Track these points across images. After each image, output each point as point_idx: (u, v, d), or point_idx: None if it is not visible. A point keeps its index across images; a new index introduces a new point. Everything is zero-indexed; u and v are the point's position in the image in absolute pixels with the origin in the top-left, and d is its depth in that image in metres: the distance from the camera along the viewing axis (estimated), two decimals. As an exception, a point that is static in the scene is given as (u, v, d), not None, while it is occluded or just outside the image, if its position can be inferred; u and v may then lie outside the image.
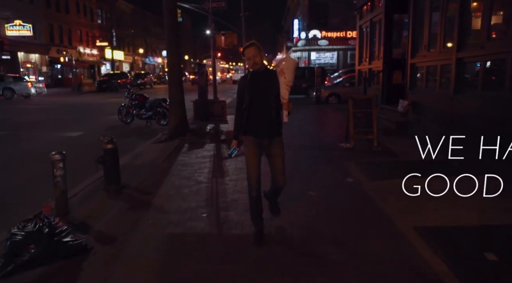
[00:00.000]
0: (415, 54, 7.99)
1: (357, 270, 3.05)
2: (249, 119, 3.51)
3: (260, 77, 3.49)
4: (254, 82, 3.49)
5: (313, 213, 4.23)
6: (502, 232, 3.59)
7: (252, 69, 3.52)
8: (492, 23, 5.23)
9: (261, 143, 3.54)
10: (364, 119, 7.65)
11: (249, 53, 3.44)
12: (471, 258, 3.12)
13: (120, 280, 3.03)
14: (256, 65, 3.47)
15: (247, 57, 3.47)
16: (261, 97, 3.45)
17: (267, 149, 3.57)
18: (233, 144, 3.71)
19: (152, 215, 4.34)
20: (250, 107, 3.48)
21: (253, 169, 3.52)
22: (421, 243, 3.42)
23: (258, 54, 3.44)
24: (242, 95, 3.54)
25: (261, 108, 3.46)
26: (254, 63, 3.46)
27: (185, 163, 6.64)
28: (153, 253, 3.42)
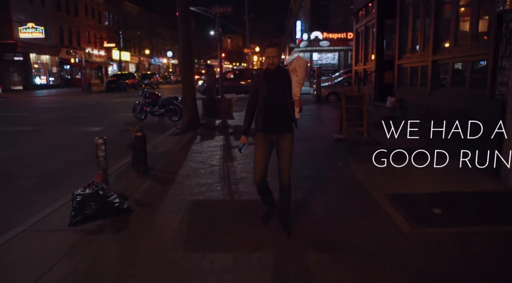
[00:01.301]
0: (401, 56, 8.98)
1: (337, 219, 4.08)
2: (264, 116, 3.60)
3: (274, 75, 3.60)
4: (268, 80, 3.59)
5: (306, 185, 5.24)
6: (448, 196, 4.61)
7: (270, 68, 3.61)
8: (458, 31, 6.22)
9: (271, 138, 3.64)
10: (355, 114, 8.65)
11: (271, 53, 3.53)
12: (421, 212, 4.14)
13: (158, 229, 4.05)
14: (273, 65, 3.58)
15: (267, 56, 3.56)
16: (275, 94, 3.55)
17: (277, 144, 3.66)
18: (242, 139, 3.79)
19: (176, 188, 5.37)
20: (264, 103, 3.58)
21: (259, 165, 3.65)
22: (387, 204, 4.43)
23: (277, 55, 3.55)
24: (255, 92, 3.64)
25: (275, 104, 3.56)
26: (272, 63, 3.57)
27: (198, 151, 7.68)
28: (180, 213, 4.44)
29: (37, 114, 16.10)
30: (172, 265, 3.24)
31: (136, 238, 3.81)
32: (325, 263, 3.20)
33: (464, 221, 3.93)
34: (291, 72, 3.47)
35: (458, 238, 3.60)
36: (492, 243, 3.49)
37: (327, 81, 20.14)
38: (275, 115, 3.58)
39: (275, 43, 3.55)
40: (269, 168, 3.81)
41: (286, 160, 3.66)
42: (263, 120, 3.61)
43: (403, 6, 8.75)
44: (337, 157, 6.94)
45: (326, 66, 32.74)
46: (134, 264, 3.30)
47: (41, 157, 7.85)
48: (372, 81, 11.50)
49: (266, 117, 3.59)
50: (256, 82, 3.68)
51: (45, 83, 36.46)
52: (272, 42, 3.57)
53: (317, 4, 31.44)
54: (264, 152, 3.65)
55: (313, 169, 6.12)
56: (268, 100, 3.56)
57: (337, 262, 3.20)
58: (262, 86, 3.59)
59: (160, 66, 68.37)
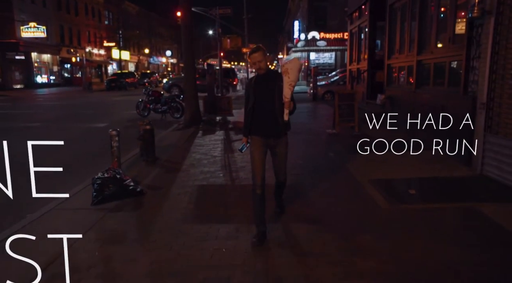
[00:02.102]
0: (391, 57, 9.59)
1: (325, 199, 4.69)
2: (255, 120, 3.66)
3: (264, 80, 3.62)
4: (258, 85, 3.64)
5: (300, 172, 5.85)
6: (423, 180, 5.25)
7: (259, 72, 3.65)
8: (438, 34, 6.83)
9: (267, 142, 3.70)
10: (347, 110, 9.27)
11: (255, 58, 3.56)
12: (399, 192, 4.77)
13: (169, 207, 4.65)
14: (260, 70, 3.61)
15: (253, 62, 3.59)
16: (265, 99, 3.58)
17: (273, 147, 3.74)
18: (243, 140, 3.88)
19: (182, 175, 5.97)
20: (255, 108, 3.63)
21: (258, 167, 3.65)
22: (370, 187, 5.05)
23: (264, 59, 3.56)
24: (248, 96, 3.70)
25: (266, 109, 3.60)
26: (259, 68, 3.60)
27: (201, 144, 8.28)
28: (187, 195, 5.04)
29: (43, 112, 16.65)
30: (184, 233, 3.84)
31: (150, 214, 4.41)
32: (314, 232, 3.79)
33: (433, 199, 4.55)
34: (283, 73, 3.49)
35: (425, 212, 4.22)
36: (452, 215, 4.11)
37: (323, 80, 20.77)
38: (265, 120, 3.62)
39: (258, 48, 3.58)
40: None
41: (283, 162, 3.82)
42: (256, 124, 3.67)
43: (392, 10, 9.37)
44: (329, 149, 7.56)
45: (323, 66, 33.38)
46: (151, 233, 3.90)
47: (56, 149, 8.42)
48: (364, 80, 12.11)
49: (259, 122, 3.65)
50: (247, 88, 3.76)
51: (46, 82, 36.97)
52: (255, 48, 3.60)
53: (314, 5, 32.05)
54: (261, 154, 3.68)
55: (307, 159, 6.72)
56: (259, 106, 3.61)
57: (323, 231, 3.80)
58: (253, 91, 3.63)
59: (159, 65, 68.86)
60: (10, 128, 11.17)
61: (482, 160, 5.28)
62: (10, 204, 3.34)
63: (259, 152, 3.67)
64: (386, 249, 3.42)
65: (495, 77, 4.99)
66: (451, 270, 3.04)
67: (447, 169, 5.72)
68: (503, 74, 4.90)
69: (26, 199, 3.28)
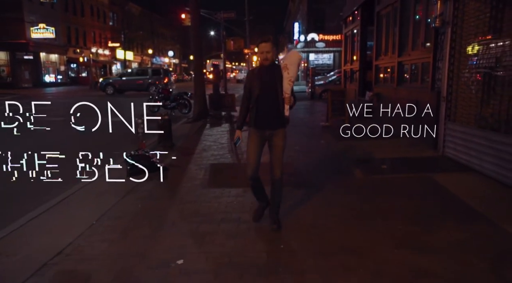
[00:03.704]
0: (378, 58, 10.75)
1: (314, 172, 5.86)
2: (257, 111, 3.65)
3: (268, 71, 3.62)
4: (261, 76, 3.63)
5: (294, 155, 7.01)
6: (395, 159, 6.42)
7: (264, 63, 3.61)
8: (414, 39, 8.00)
9: (264, 134, 3.70)
10: (339, 105, 10.44)
11: (264, 48, 3.53)
12: (374, 167, 5.93)
13: (189, 177, 5.81)
14: (267, 61, 3.58)
15: (261, 51, 3.55)
16: (268, 91, 3.58)
17: (270, 139, 3.71)
18: (237, 134, 3.84)
19: (196, 157, 7.14)
20: (257, 99, 3.62)
21: (251, 159, 3.70)
22: (351, 165, 6.22)
23: (271, 50, 3.54)
24: (250, 88, 3.67)
25: (267, 100, 3.60)
26: (266, 59, 3.56)
27: (209, 134, 9.46)
28: (203, 170, 6.20)
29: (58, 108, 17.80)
30: (203, 194, 5.01)
31: (175, 182, 5.58)
32: (302, 194, 4.94)
33: (399, 171, 5.74)
34: (283, 69, 3.54)
35: (391, 180, 5.40)
36: (411, 181, 5.27)
37: (321, 80, 21.94)
38: (268, 111, 3.62)
39: (268, 39, 3.57)
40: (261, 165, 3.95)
41: (279, 154, 3.74)
42: (256, 116, 3.66)
43: (378, 17, 10.53)
44: (321, 138, 8.74)
45: (322, 66, 34.50)
46: (178, 194, 5.07)
47: (87, 137, 9.60)
48: (356, 79, 13.27)
49: (259, 113, 3.64)
50: (250, 79, 3.74)
51: (54, 81, 38.15)
52: (266, 38, 3.59)
53: (313, 7, 33.24)
54: (257, 147, 3.71)
55: (302, 145, 7.89)
56: (261, 97, 3.60)
57: (309, 193, 4.95)
58: (255, 82, 3.63)
59: (161, 65, 70.06)
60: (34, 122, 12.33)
61: (444, 143, 6.44)
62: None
63: (254, 144, 3.70)
64: (355, 200, 4.59)
65: (452, 75, 6.15)
66: (396, 210, 4.20)
67: (417, 151, 6.89)
68: (458, 73, 6.06)
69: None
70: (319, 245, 3.47)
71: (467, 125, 5.83)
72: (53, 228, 4.04)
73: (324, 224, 3.94)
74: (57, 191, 5.05)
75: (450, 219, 3.95)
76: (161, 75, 26.34)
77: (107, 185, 5.58)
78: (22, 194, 5.04)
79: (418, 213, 4.19)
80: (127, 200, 4.85)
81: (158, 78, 25.76)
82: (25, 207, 4.58)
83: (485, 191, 4.79)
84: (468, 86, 5.82)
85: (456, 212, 4.15)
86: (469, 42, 5.78)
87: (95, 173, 4.76)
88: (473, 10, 5.65)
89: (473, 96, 5.73)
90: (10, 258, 3.39)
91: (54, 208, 4.64)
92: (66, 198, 5.00)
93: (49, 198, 4.89)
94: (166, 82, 25.98)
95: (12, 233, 3.90)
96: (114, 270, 3.14)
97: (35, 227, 4.08)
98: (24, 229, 4.01)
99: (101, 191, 5.27)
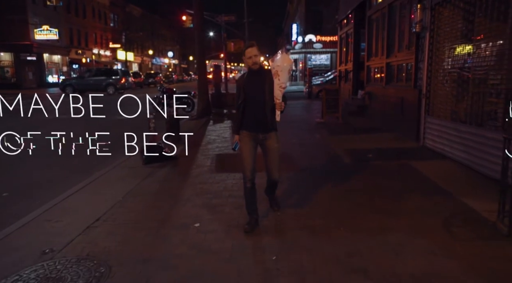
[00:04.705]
0: (369, 59, 11.55)
1: (309, 160, 6.65)
2: (245, 115, 3.71)
3: (257, 76, 3.68)
4: (251, 80, 3.70)
5: (292, 146, 7.80)
6: (381, 149, 7.21)
7: (251, 68, 3.68)
8: (400, 42, 8.80)
9: (256, 137, 3.75)
10: (333, 103, 11.25)
11: (251, 53, 3.60)
12: (361, 156, 6.73)
13: (197, 165, 6.59)
14: (255, 65, 3.65)
15: (248, 56, 3.62)
16: (257, 94, 3.65)
17: (262, 142, 3.78)
18: (236, 138, 3.89)
19: (203, 148, 7.94)
20: (246, 103, 3.68)
21: (247, 161, 3.76)
22: (342, 154, 7.01)
23: (258, 54, 3.63)
24: (240, 92, 3.73)
25: (256, 104, 3.66)
26: (254, 63, 3.63)
27: (213, 129, 10.25)
28: (209, 159, 6.99)
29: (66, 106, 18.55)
30: (210, 177, 5.79)
31: (186, 169, 6.36)
32: (297, 177, 5.73)
33: (382, 159, 6.53)
34: (274, 75, 3.57)
35: (375, 165, 6.19)
36: (391, 166, 6.06)
37: (319, 80, 22.76)
38: (258, 115, 3.67)
39: (253, 44, 3.66)
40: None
41: (274, 157, 3.82)
42: (247, 120, 3.73)
43: (370, 20, 11.34)
44: (316, 132, 9.53)
45: (320, 67, 35.32)
46: (189, 177, 5.86)
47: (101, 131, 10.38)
48: (350, 79, 14.08)
49: (250, 117, 3.71)
50: (240, 83, 3.78)
51: (57, 81, 38.79)
52: (250, 43, 3.70)
53: (311, 9, 34.10)
54: (250, 148, 3.78)
55: (299, 138, 8.68)
56: (251, 101, 3.67)
57: (304, 177, 5.74)
58: (245, 87, 3.69)
59: (161, 65, 70.83)
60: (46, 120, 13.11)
61: (424, 135, 7.24)
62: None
63: (248, 146, 3.76)
64: (342, 180, 5.38)
65: (430, 75, 6.95)
66: (376, 187, 4.99)
67: (401, 142, 7.70)
68: (435, 73, 6.86)
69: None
70: (308, 211, 4.26)
71: (442, 119, 6.62)
72: (88, 202, 4.82)
73: (314, 197, 4.73)
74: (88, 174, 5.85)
75: (418, 193, 4.75)
76: (118, 76, 27.79)
77: (127, 170, 6.39)
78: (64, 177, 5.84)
79: (393, 189, 4.98)
80: (146, 182, 5.64)
81: (116, 79, 27.29)
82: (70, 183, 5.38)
83: (452, 173, 5.58)
84: (443, 84, 6.62)
85: (425, 189, 4.94)
86: (444, 46, 6.58)
87: (135, 148, 5.83)
88: (447, 18, 6.45)
89: (447, 93, 6.53)
90: (58, 223, 4.17)
91: (85, 188, 5.43)
92: (94, 180, 5.79)
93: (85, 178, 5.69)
94: (124, 82, 27.39)
95: (55, 205, 4.69)
96: (144, 229, 3.92)
97: (74, 200, 4.87)
98: (64, 203, 4.80)
99: (122, 175, 6.07)
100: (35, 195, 5.30)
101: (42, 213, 4.43)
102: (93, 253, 3.44)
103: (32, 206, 4.71)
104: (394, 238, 3.55)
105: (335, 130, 9.59)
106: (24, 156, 5.80)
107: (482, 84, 5.39)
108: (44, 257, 3.40)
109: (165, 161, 6.83)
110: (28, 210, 4.56)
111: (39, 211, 4.50)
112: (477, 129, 5.41)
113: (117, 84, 26.75)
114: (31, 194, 5.41)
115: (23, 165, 6.76)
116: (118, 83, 26.92)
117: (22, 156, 5.80)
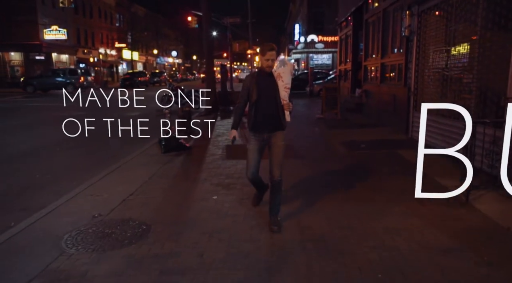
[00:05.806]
0: (366, 59, 12.38)
1: (308, 150, 7.50)
2: (256, 115, 3.77)
3: (267, 77, 3.77)
4: (262, 81, 3.77)
5: (293, 139, 8.64)
6: (373, 141, 8.05)
7: (265, 69, 3.76)
8: (392, 44, 9.63)
9: (262, 137, 3.86)
10: (332, 100, 12.09)
11: (271, 56, 3.70)
12: (355, 146, 7.58)
13: (210, 154, 7.44)
14: (270, 68, 3.73)
15: (267, 58, 3.69)
16: (267, 95, 3.73)
17: (269, 141, 3.85)
18: (233, 133, 3.99)
19: (213, 140, 8.80)
20: (258, 103, 3.73)
21: (250, 162, 3.92)
22: (338, 145, 7.86)
23: (276, 58, 3.73)
24: (248, 92, 3.78)
25: (266, 104, 3.74)
26: (270, 66, 3.72)
27: (221, 124, 11.12)
28: (220, 149, 7.84)
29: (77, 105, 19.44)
30: (222, 163, 6.65)
31: (200, 157, 7.22)
32: (297, 164, 6.57)
33: (374, 148, 7.37)
34: (277, 78, 3.70)
35: (367, 154, 7.03)
36: (381, 154, 6.90)
37: (320, 79, 23.59)
38: (266, 116, 3.75)
39: (273, 48, 3.76)
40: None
41: (278, 154, 3.80)
42: (255, 120, 3.79)
43: (366, 23, 12.17)
44: (316, 126, 10.39)
45: (321, 66, 36.15)
46: (204, 163, 6.71)
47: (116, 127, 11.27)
48: (349, 78, 14.91)
49: (258, 118, 3.77)
50: (248, 83, 3.82)
51: (65, 80, 39.83)
52: (272, 47, 3.76)
53: (313, 11, 34.91)
54: (256, 151, 3.87)
55: (299, 132, 9.53)
56: (259, 102, 3.72)
57: (304, 163, 6.59)
58: (254, 87, 3.74)
59: (165, 65, 71.75)
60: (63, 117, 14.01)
61: (412, 128, 8.07)
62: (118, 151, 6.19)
63: (254, 149, 3.88)
64: (337, 166, 6.23)
65: (417, 74, 7.78)
66: (365, 171, 5.83)
67: (392, 135, 8.54)
68: (422, 72, 7.69)
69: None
70: (306, 188, 5.10)
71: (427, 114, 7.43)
72: (120, 181, 5.69)
73: (311, 178, 5.58)
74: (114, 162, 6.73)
75: (401, 176, 5.60)
76: (77, 75, 29.43)
77: (148, 157, 7.27)
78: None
79: (380, 172, 5.82)
80: (166, 168, 6.50)
81: (76, 78, 28.95)
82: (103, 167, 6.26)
83: (432, 159, 6.40)
84: (428, 83, 7.45)
85: (406, 172, 5.77)
86: (429, 48, 7.41)
87: (169, 132, 7.11)
88: (432, 24, 7.28)
89: (432, 91, 7.36)
90: (99, 197, 5.04)
91: (114, 171, 6.30)
92: (121, 166, 6.65)
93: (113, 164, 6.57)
94: (82, 81, 28.58)
95: (93, 184, 5.56)
96: (171, 201, 4.79)
97: (108, 181, 5.74)
98: (101, 182, 5.67)
99: (144, 161, 6.94)
100: (72, 177, 6.17)
101: (84, 189, 5.30)
102: (134, 217, 4.30)
103: (70, 185, 5.57)
104: (376, 206, 4.41)
105: (333, 125, 10.43)
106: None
107: (458, 83, 6.23)
108: (95, 219, 4.26)
109: (181, 151, 7.69)
110: (67, 189, 5.40)
111: (82, 187, 5.37)
112: (453, 121, 6.24)
113: (76, 84, 28.31)
114: (68, 177, 6.29)
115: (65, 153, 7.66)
116: (77, 82, 28.50)
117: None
